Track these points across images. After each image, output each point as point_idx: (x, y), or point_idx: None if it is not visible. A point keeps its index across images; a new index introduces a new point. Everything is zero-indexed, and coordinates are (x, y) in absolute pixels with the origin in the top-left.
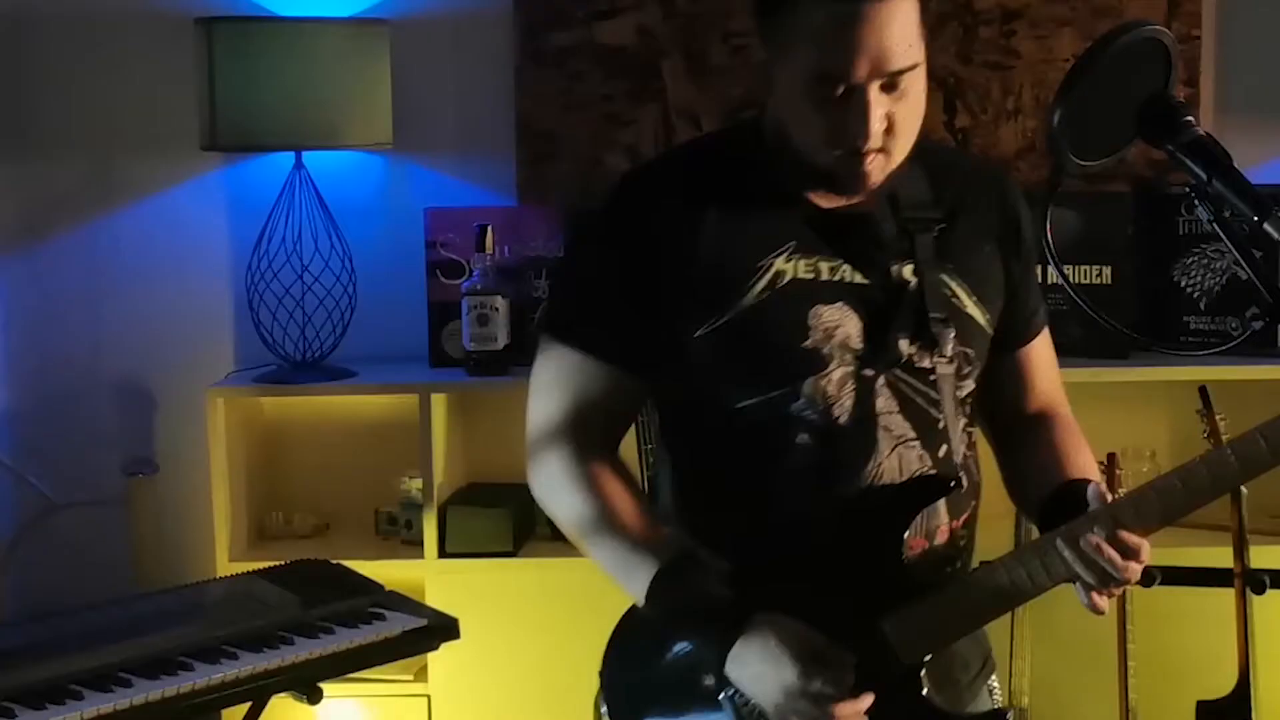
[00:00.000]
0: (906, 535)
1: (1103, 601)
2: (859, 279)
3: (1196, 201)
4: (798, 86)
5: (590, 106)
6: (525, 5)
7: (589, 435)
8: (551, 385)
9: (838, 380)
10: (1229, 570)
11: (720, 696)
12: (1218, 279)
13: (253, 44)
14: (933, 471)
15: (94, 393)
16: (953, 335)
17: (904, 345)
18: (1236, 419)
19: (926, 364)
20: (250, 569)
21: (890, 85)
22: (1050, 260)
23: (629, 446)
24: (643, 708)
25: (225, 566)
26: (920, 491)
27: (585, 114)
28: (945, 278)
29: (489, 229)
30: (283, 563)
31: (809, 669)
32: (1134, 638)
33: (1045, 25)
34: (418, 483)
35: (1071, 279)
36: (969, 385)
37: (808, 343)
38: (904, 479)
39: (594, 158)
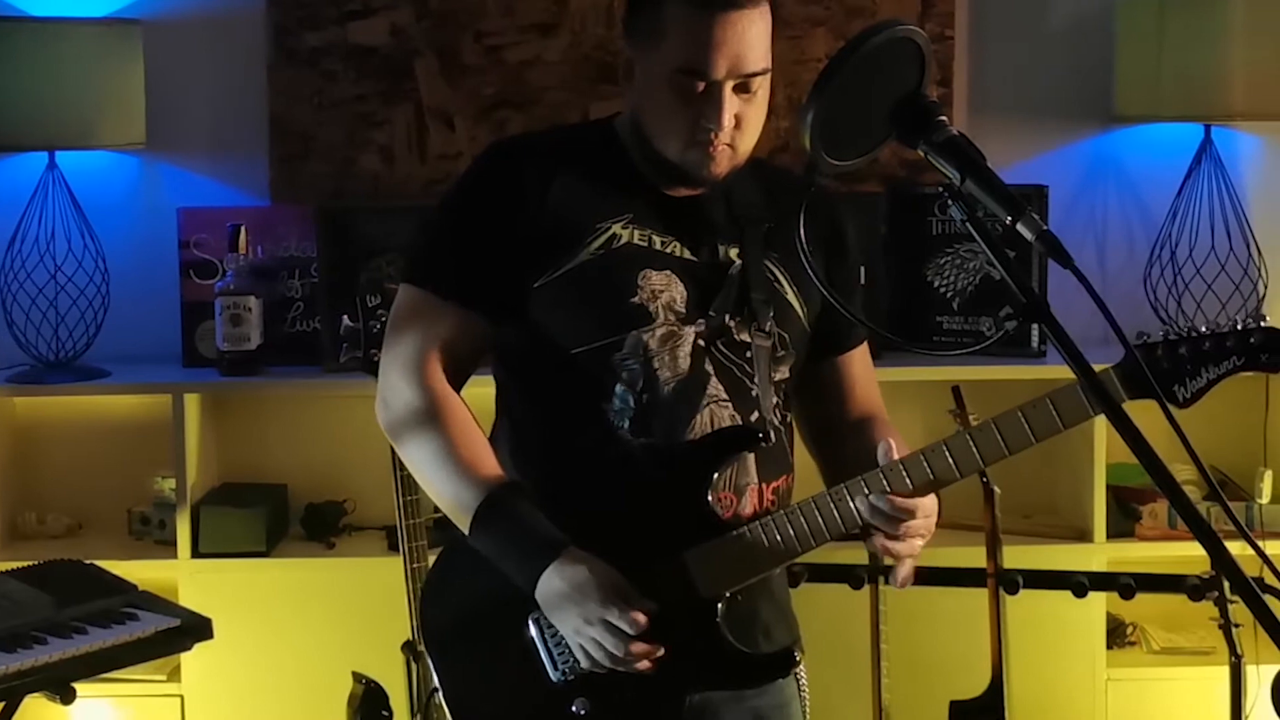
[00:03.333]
0: (715, 487)
1: (896, 546)
2: (688, 255)
3: (950, 201)
4: (662, 79)
5: (343, 106)
6: (277, 5)
7: (435, 374)
8: (404, 325)
9: (660, 337)
10: (982, 570)
11: (529, 619)
12: (971, 279)
13: (4, 44)
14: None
15: None
16: (771, 315)
17: (724, 317)
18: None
19: (745, 337)
20: (2, 569)
21: (743, 86)
22: (804, 260)
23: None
24: (458, 641)
25: None
26: (730, 440)
27: (338, 114)
28: (769, 264)
29: (242, 229)
30: (35, 563)
31: (610, 602)
32: (887, 638)
33: (798, 25)
34: (171, 483)
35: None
36: (784, 371)
37: (635, 299)
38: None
39: (347, 158)
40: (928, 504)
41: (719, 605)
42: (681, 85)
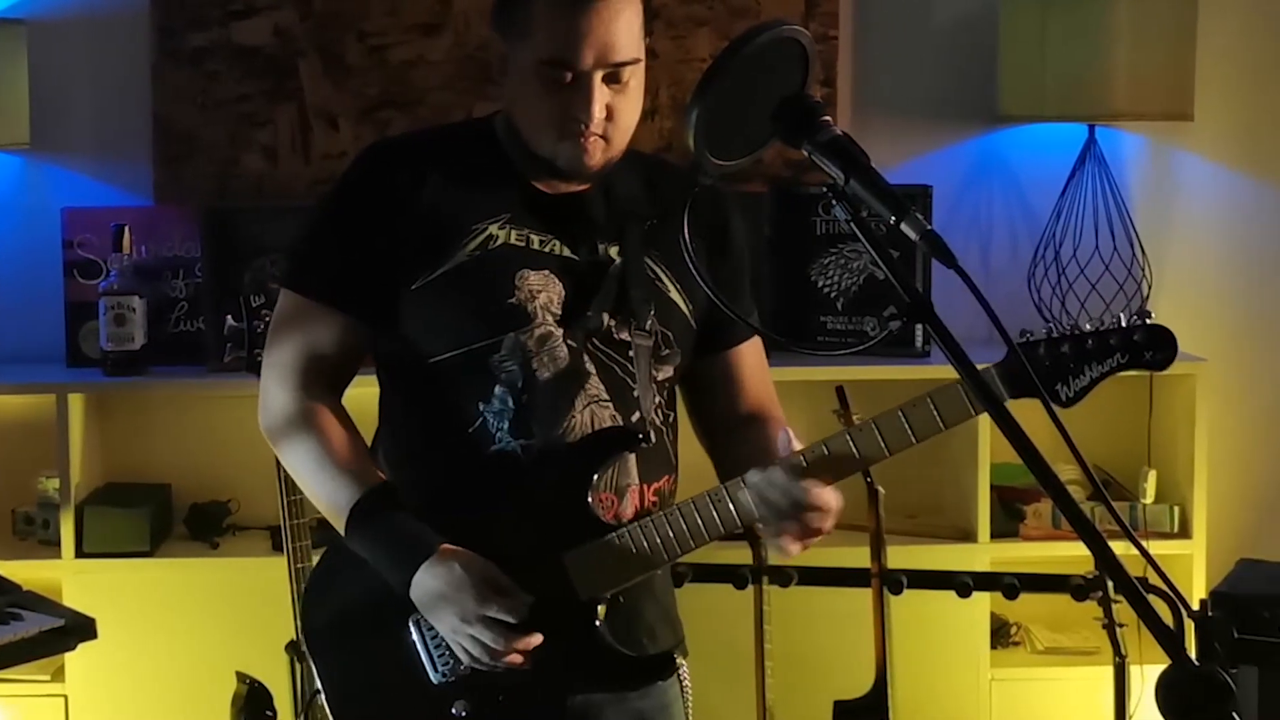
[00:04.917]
0: (596, 488)
1: (794, 547)
2: (567, 253)
3: (834, 201)
4: (530, 72)
5: (227, 106)
6: (162, 5)
7: (315, 378)
8: (283, 330)
9: (538, 338)
10: (866, 570)
11: (409, 620)
12: (855, 279)
13: None
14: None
15: None
16: (652, 313)
17: (604, 316)
18: None
19: (625, 336)
20: None
21: (613, 77)
22: (688, 261)
23: None
24: (339, 642)
25: None
26: (610, 440)
27: (222, 114)
28: (650, 262)
29: (126, 229)
30: None
31: (485, 598)
32: (771, 638)
33: (682, 25)
34: (55, 483)
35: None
36: (668, 370)
37: (512, 299)
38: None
39: (231, 158)
40: (829, 496)
41: (599, 607)
42: (550, 77)
